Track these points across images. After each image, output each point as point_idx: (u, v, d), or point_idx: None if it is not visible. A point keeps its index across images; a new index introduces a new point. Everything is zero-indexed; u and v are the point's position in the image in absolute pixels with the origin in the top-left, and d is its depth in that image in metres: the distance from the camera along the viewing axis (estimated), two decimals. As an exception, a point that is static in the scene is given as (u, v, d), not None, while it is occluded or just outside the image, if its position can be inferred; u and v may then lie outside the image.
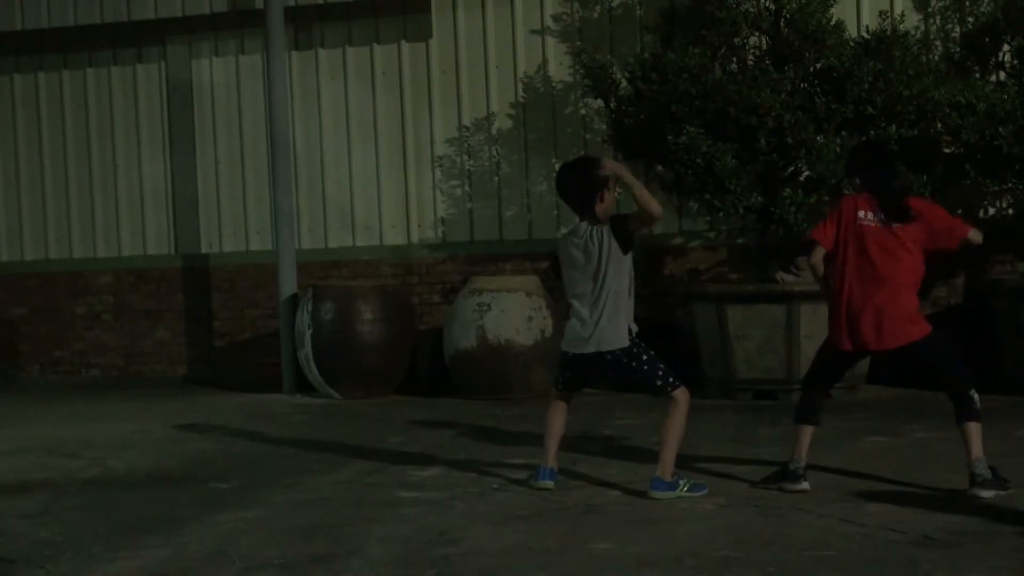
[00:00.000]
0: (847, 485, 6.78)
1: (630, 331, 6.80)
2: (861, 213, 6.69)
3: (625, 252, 6.76)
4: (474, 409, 10.69)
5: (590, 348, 6.81)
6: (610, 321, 6.75)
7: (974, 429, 6.52)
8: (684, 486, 6.67)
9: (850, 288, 6.66)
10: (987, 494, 6.37)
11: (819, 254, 6.79)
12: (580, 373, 7.01)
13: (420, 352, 12.44)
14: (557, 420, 7.10)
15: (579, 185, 6.86)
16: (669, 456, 6.72)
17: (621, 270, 6.77)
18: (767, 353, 10.69)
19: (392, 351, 11.92)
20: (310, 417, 10.61)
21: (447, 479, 7.43)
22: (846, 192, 10.63)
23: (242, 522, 6.40)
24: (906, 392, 10.32)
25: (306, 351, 11.85)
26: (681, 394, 6.79)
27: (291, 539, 5.96)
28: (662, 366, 6.81)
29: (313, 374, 11.92)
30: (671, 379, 6.78)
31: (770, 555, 5.32)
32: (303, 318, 11.90)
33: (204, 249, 13.98)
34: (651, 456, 7.78)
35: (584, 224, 6.84)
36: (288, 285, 12.62)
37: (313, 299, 11.88)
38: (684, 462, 7.60)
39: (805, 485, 6.71)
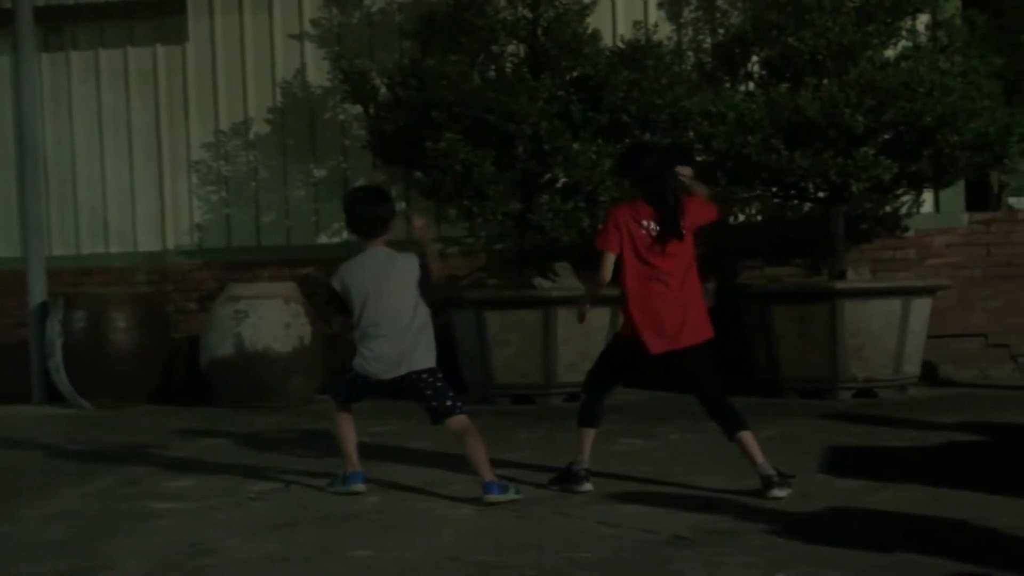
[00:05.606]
0: (603, 487, 6.88)
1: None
2: (644, 222, 6.61)
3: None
4: (231, 418, 10.53)
5: None
6: None
7: (748, 436, 6.55)
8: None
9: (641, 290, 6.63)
10: (783, 493, 6.40)
11: (609, 260, 6.70)
12: None
13: (176, 360, 12.22)
14: None
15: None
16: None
17: None
18: (525, 358, 10.80)
19: (145, 359, 11.68)
20: (60, 428, 10.30)
21: (203, 489, 7.29)
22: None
23: (-13, 538, 6.18)
24: (658, 395, 10.53)
25: (56, 360, 11.54)
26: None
27: (41, 555, 5.78)
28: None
29: (64, 384, 11.60)
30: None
31: (528, 558, 5.37)
32: (53, 326, 11.59)
33: (-53, 256, 13.47)
34: (407, 461, 7.83)
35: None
36: (37, 293, 12.26)
37: (64, 307, 11.58)
38: (438, 467, 7.63)
39: (588, 486, 6.82)
